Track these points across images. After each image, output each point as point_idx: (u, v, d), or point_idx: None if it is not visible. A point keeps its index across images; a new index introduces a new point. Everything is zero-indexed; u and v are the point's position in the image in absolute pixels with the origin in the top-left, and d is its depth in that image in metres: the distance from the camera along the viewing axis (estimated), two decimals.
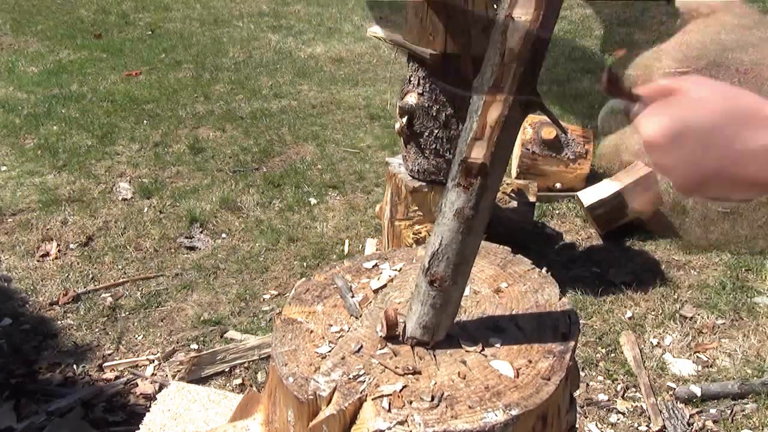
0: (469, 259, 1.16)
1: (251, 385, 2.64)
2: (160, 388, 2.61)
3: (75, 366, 2.77)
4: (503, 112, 1.05)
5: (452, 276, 1.14)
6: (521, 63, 1.02)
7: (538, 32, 1.00)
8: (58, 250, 3.51)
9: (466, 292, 1.34)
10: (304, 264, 3.38)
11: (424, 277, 1.16)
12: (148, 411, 2.30)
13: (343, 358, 1.17)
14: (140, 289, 3.23)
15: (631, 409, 2.51)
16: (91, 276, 3.32)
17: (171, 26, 7.59)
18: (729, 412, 2.47)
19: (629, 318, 2.96)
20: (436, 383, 1.11)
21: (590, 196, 3.48)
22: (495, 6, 2.50)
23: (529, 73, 1.03)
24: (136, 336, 2.94)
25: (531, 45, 1.01)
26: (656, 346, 2.81)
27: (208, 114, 5.16)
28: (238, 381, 2.68)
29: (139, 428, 2.22)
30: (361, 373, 1.13)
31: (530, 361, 1.15)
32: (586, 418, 2.49)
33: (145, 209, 3.87)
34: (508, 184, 3.35)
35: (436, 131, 2.76)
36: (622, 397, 2.57)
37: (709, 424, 2.44)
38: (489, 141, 1.06)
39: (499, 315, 1.28)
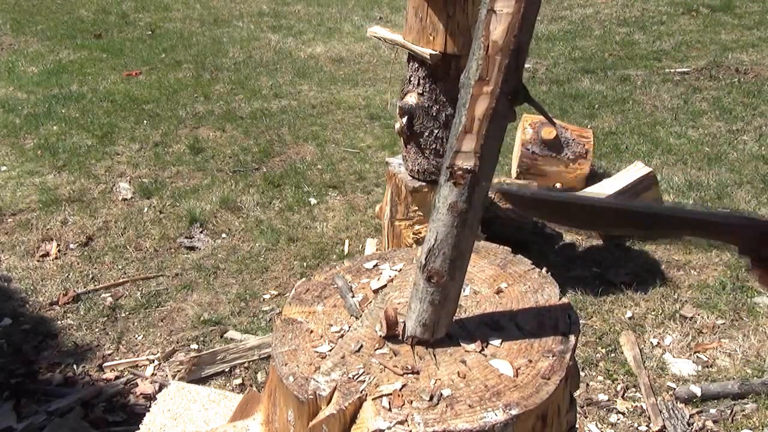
0: (465, 254, 1.16)
1: (251, 385, 2.64)
2: (160, 388, 2.61)
3: (75, 366, 2.77)
4: (491, 104, 1.06)
5: (449, 271, 1.14)
6: (506, 55, 1.03)
7: (520, 23, 1.01)
8: (58, 250, 3.51)
9: (466, 292, 1.34)
10: (304, 264, 3.38)
11: (421, 273, 1.16)
12: (148, 411, 2.30)
13: (343, 358, 1.17)
14: (140, 289, 3.23)
15: (631, 409, 2.51)
16: (91, 276, 3.32)
17: (171, 26, 7.60)
18: (729, 412, 2.47)
19: (629, 318, 2.96)
20: (435, 383, 1.11)
21: None
22: None
23: (514, 65, 1.04)
24: (136, 336, 2.94)
25: (514, 36, 1.02)
26: (656, 346, 2.81)
27: (208, 114, 5.17)
28: (238, 381, 2.68)
29: (139, 428, 2.22)
30: (361, 372, 1.13)
31: (530, 361, 1.15)
32: (586, 418, 2.49)
33: (145, 209, 3.87)
34: (508, 184, 3.35)
35: (436, 131, 2.76)
36: (622, 397, 2.57)
37: (709, 424, 2.44)
38: (478, 133, 1.07)
39: (499, 314, 1.28)
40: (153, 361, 2.79)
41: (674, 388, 2.59)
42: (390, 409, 1.06)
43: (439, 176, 2.27)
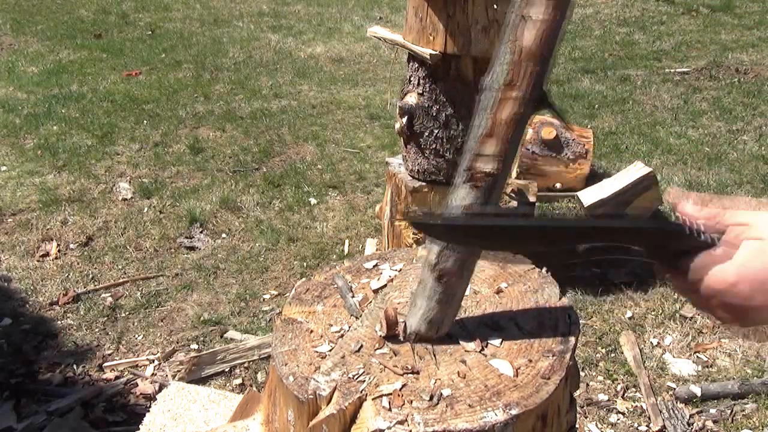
0: (476, 254, 1.17)
1: (251, 385, 2.64)
2: (160, 388, 2.60)
3: (75, 366, 2.77)
4: (516, 109, 1.05)
5: (459, 271, 1.15)
6: (536, 62, 1.02)
7: (553, 31, 1.01)
8: (58, 250, 3.51)
9: (467, 291, 1.34)
10: (304, 264, 3.38)
11: (431, 273, 1.16)
12: (148, 411, 2.30)
13: (343, 358, 1.17)
14: (140, 289, 3.23)
15: (631, 409, 2.51)
16: (91, 276, 3.32)
17: (171, 26, 7.60)
18: (729, 412, 2.47)
19: (629, 318, 2.96)
20: (435, 382, 1.11)
21: (590, 196, 3.48)
22: (495, 6, 2.50)
23: (543, 72, 1.04)
24: (136, 336, 2.94)
25: (546, 43, 1.01)
26: (656, 346, 2.81)
27: (208, 114, 5.16)
28: (238, 381, 2.68)
29: (139, 428, 2.22)
30: (361, 372, 1.13)
31: (530, 361, 1.15)
32: (586, 418, 2.48)
33: (145, 209, 3.87)
34: (508, 184, 3.35)
35: (436, 131, 2.76)
36: (622, 397, 2.57)
37: (709, 424, 2.44)
38: (501, 138, 1.07)
39: (499, 314, 1.28)
40: (153, 361, 2.79)
41: (674, 388, 2.58)
42: (390, 409, 1.06)
43: (439, 176, 2.27)
